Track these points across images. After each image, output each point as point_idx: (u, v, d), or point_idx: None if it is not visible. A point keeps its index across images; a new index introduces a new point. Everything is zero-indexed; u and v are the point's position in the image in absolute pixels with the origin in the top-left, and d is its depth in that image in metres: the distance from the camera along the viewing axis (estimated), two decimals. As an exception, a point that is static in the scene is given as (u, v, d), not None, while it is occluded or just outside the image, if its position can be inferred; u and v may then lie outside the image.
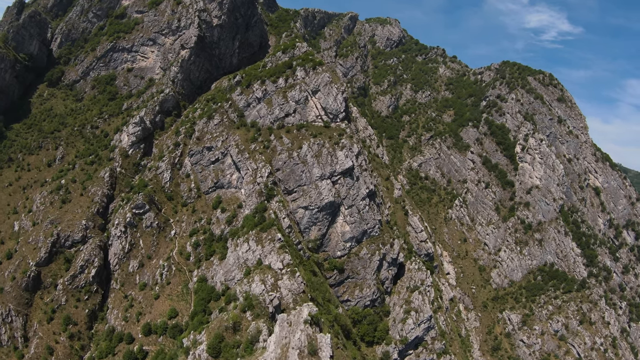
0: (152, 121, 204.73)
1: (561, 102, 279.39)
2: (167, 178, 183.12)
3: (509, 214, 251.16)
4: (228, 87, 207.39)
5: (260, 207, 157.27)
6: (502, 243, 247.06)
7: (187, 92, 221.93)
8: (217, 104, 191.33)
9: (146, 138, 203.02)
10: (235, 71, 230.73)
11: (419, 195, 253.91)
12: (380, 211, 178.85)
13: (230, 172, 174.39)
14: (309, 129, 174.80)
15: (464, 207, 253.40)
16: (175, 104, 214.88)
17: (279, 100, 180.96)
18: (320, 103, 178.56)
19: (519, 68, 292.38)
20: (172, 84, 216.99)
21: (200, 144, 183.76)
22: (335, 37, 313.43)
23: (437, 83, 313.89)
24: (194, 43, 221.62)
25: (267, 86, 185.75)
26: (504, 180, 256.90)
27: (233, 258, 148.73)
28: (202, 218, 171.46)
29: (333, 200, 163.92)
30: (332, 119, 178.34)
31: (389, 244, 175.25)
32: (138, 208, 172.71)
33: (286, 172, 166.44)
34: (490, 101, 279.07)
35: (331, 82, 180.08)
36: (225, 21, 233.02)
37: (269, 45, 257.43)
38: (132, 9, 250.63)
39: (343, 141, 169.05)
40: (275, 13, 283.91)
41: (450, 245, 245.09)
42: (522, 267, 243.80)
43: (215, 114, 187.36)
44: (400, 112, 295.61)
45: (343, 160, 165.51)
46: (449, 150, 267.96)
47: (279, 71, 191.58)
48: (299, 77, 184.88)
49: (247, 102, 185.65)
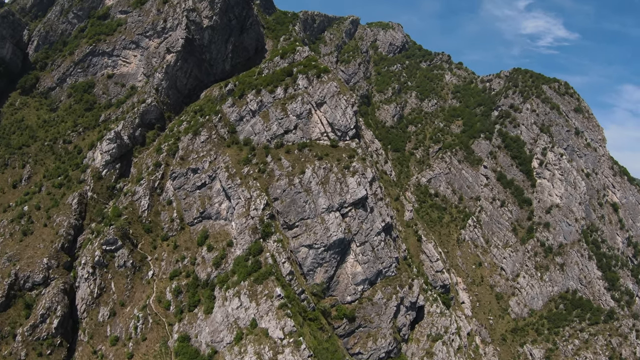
0: (131, 136, 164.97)
1: (578, 112, 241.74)
2: (145, 206, 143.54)
3: (527, 236, 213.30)
4: (219, 97, 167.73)
5: (254, 248, 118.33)
6: (520, 268, 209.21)
7: (173, 101, 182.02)
8: (205, 117, 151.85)
9: (124, 156, 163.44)
10: (227, 78, 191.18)
11: (429, 215, 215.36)
12: (397, 246, 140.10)
13: (219, 200, 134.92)
14: (313, 149, 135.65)
15: (477, 227, 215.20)
16: (158, 115, 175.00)
17: (277, 114, 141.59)
18: (326, 118, 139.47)
19: (532, 76, 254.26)
20: (156, 93, 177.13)
21: (185, 164, 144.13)
22: (336, 42, 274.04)
23: (444, 91, 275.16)
24: (181, 46, 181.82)
25: (263, 97, 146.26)
26: (521, 198, 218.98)
27: (221, 314, 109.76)
28: (186, 257, 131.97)
29: (343, 237, 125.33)
30: (341, 136, 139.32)
31: (408, 285, 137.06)
32: (109, 244, 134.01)
33: (286, 202, 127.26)
34: (503, 111, 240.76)
35: (339, 92, 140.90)
36: (217, 22, 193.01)
37: (265, 50, 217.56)
38: (116, 9, 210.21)
39: (354, 165, 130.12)
40: (273, 15, 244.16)
41: (465, 270, 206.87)
42: (543, 294, 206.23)
43: (202, 129, 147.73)
44: (406, 122, 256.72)
45: (355, 188, 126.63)
46: (459, 165, 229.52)
47: (277, 79, 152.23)
48: (301, 87, 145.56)
49: (240, 116, 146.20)
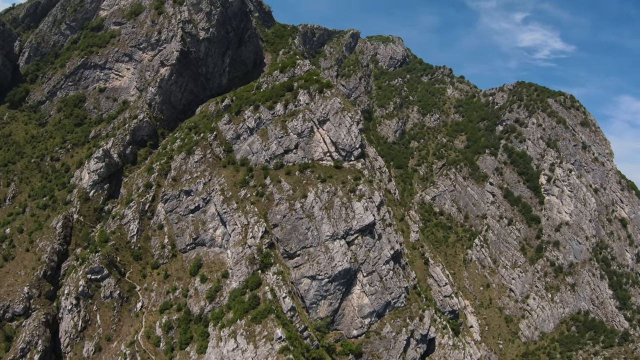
0: (121, 154, 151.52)
1: (585, 126, 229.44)
2: (135, 230, 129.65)
3: (537, 255, 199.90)
4: (215, 113, 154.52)
5: (252, 280, 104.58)
6: (530, 289, 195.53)
7: (167, 117, 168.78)
8: (199, 135, 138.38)
9: (113, 175, 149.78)
10: (225, 92, 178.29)
11: (434, 234, 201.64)
12: (406, 274, 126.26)
13: (214, 225, 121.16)
14: (316, 170, 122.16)
15: (485, 247, 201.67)
16: (151, 131, 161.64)
17: (277, 132, 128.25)
18: (330, 136, 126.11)
19: (536, 89, 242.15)
20: (149, 108, 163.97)
21: (177, 186, 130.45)
22: (337, 56, 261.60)
23: (446, 105, 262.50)
24: (175, 59, 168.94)
25: (262, 113, 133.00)
26: (529, 215, 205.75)
27: (215, 356, 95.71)
28: (177, 287, 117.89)
29: (349, 267, 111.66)
30: (345, 157, 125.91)
31: (418, 316, 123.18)
32: (94, 273, 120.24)
33: (286, 229, 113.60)
34: (508, 126, 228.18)
35: (343, 109, 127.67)
36: (214, 35, 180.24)
37: (264, 64, 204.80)
38: (110, 20, 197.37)
39: (361, 188, 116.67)
40: (272, 28, 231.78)
41: (472, 292, 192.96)
42: (554, 316, 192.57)
43: (196, 148, 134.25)
44: (408, 138, 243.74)
45: (362, 214, 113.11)
46: (464, 181, 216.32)
47: (277, 94, 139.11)
48: (302, 103, 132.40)
49: (237, 133, 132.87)
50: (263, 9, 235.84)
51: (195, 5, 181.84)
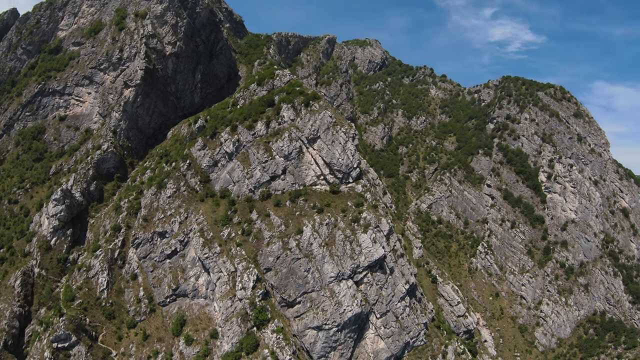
0: (85, 192, 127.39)
1: (578, 117, 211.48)
2: (104, 284, 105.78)
3: (545, 258, 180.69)
4: (188, 136, 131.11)
5: (247, 342, 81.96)
6: (542, 294, 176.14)
7: (135, 144, 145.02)
8: (171, 165, 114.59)
9: (77, 217, 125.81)
10: (198, 111, 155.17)
11: (435, 245, 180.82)
12: (423, 307, 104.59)
13: (195, 272, 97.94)
14: (310, 198, 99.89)
15: (489, 253, 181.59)
16: (117, 162, 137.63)
17: (260, 156, 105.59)
18: (322, 156, 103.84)
19: (524, 83, 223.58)
20: (114, 136, 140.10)
21: (149, 227, 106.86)
22: (314, 63, 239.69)
23: (431, 106, 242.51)
24: (140, 79, 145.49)
25: (241, 134, 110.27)
26: (532, 216, 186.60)
27: None
28: (159, 351, 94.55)
29: (360, 310, 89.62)
30: (342, 179, 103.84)
31: (441, 353, 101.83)
32: (61, 340, 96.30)
33: (282, 273, 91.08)
34: (500, 123, 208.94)
35: (335, 124, 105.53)
36: (182, 49, 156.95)
37: (239, 77, 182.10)
38: (69, 40, 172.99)
39: (365, 216, 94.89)
40: (245, 39, 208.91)
41: (482, 303, 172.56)
42: (570, 320, 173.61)
43: (168, 181, 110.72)
44: (396, 143, 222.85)
45: (370, 247, 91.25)
46: (460, 185, 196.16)
47: (256, 111, 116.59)
48: (286, 119, 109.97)
49: (213, 160, 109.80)
50: (234, 18, 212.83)
51: (159, 17, 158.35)
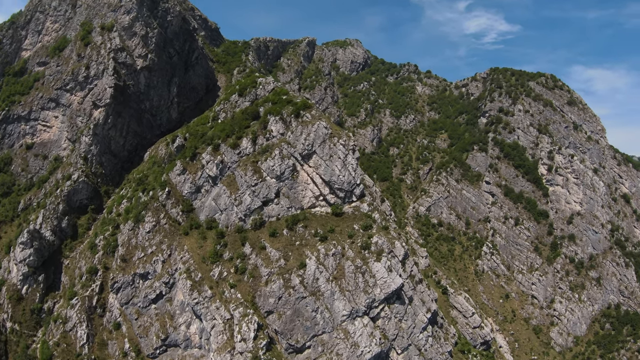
0: (56, 229, 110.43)
1: (572, 105, 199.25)
2: (84, 337, 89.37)
3: (553, 253, 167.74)
4: (166, 157, 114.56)
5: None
6: (553, 292, 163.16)
7: (110, 170, 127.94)
8: (148, 193, 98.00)
9: (50, 260, 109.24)
10: (176, 128, 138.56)
11: (438, 250, 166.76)
12: (445, 332, 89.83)
13: (186, 319, 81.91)
14: (310, 223, 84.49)
15: (495, 253, 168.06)
16: (91, 192, 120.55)
17: (248, 178, 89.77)
18: (320, 174, 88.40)
19: (513, 74, 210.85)
20: (85, 163, 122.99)
21: (129, 268, 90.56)
22: (295, 67, 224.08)
23: (419, 104, 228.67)
24: (110, 97, 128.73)
25: (224, 154, 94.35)
26: (535, 211, 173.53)
27: None
28: (148, 416, 77.72)
29: (379, 350, 74.12)
30: (345, 198, 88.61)
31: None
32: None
33: (286, 315, 75.64)
34: (492, 117, 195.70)
35: (331, 135, 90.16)
36: (155, 61, 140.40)
37: (218, 87, 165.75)
38: (34, 61, 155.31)
39: (377, 241, 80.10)
40: (221, 46, 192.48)
41: (492, 307, 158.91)
42: (585, 316, 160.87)
43: (146, 213, 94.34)
44: (386, 145, 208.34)
45: (385, 277, 76.42)
46: (458, 184, 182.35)
47: (240, 126, 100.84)
48: (275, 134, 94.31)
49: (195, 186, 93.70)
50: (209, 26, 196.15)
51: (127, 29, 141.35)
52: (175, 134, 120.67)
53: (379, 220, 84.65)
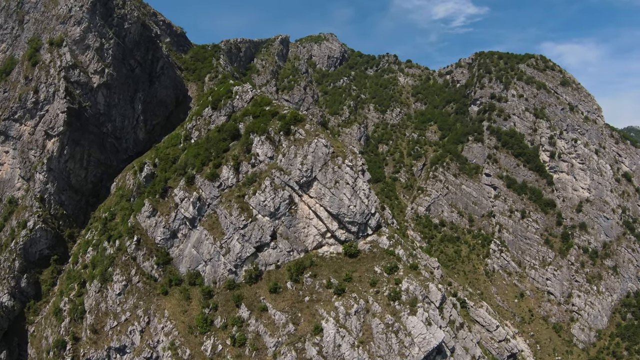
0: (15, 291, 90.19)
1: (566, 85, 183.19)
2: None
3: (565, 245, 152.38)
4: (135, 189, 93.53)
5: None
6: (570, 286, 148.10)
7: (72, 209, 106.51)
8: (114, 243, 77.05)
9: (12, 328, 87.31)
10: (146, 150, 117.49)
11: (444, 253, 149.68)
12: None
13: (172, 407, 61.49)
14: (320, 270, 65.28)
15: (504, 250, 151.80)
16: (52, 240, 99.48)
17: (235, 219, 69.78)
18: (325, 206, 68.92)
19: (501, 57, 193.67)
20: (41, 205, 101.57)
21: (102, 341, 70.54)
22: (270, 68, 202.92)
23: (403, 96, 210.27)
24: (63, 124, 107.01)
25: (202, 188, 74.09)
26: (542, 201, 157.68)
27: None
28: None
29: None
30: (358, 232, 69.31)
31: None
32: None
33: (304, 398, 55.83)
34: (485, 104, 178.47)
35: (334, 155, 70.60)
36: (113, 76, 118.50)
37: (189, 98, 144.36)
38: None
39: (407, 287, 61.78)
40: (189, 52, 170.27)
41: (508, 308, 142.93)
42: (605, 308, 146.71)
43: (114, 270, 73.47)
44: (374, 142, 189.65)
45: (423, 332, 58.05)
46: (457, 179, 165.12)
47: (217, 149, 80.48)
48: (262, 157, 74.31)
49: (170, 231, 73.41)
50: (174, 31, 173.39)
51: (79, 42, 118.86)
52: (143, 161, 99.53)
53: (404, 257, 66.22)
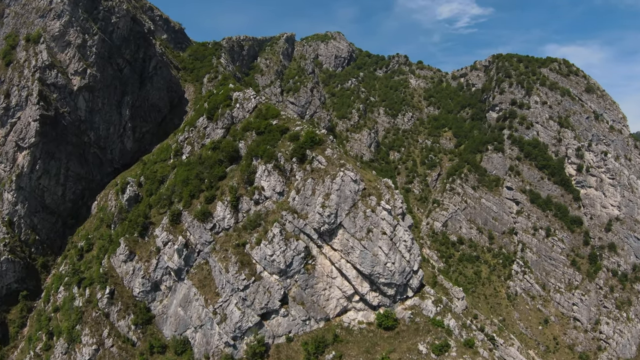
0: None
1: (591, 92, 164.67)
2: None
3: (593, 267, 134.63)
4: (117, 212, 75.01)
5: None
6: (598, 312, 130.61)
7: (47, 234, 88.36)
8: (84, 293, 58.38)
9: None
10: (134, 162, 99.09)
11: (463, 274, 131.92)
12: None
13: None
14: (345, 348, 47.40)
15: (527, 272, 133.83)
16: (22, 272, 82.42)
17: (233, 277, 51.56)
18: (353, 262, 50.40)
19: (520, 60, 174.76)
20: (10, 231, 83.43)
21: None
22: (275, 68, 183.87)
23: (415, 99, 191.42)
24: (36, 134, 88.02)
25: (190, 231, 55.69)
26: (568, 218, 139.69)
27: None
28: None
29: None
30: (395, 296, 50.71)
31: None
32: None
33: None
34: (505, 110, 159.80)
35: (365, 193, 51.71)
36: (97, 77, 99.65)
37: (186, 101, 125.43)
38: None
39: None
40: (188, 50, 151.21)
41: (531, 336, 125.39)
42: (634, 336, 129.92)
43: (82, 328, 54.80)
44: (385, 149, 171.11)
45: None
46: (475, 192, 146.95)
47: (211, 175, 61.58)
48: (268, 192, 55.82)
49: (151, 282, 54.55)
50: (172, 27, 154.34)
51: (58, 38, 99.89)
52: (126, 179, 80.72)
53: (456, 330, 48.63)
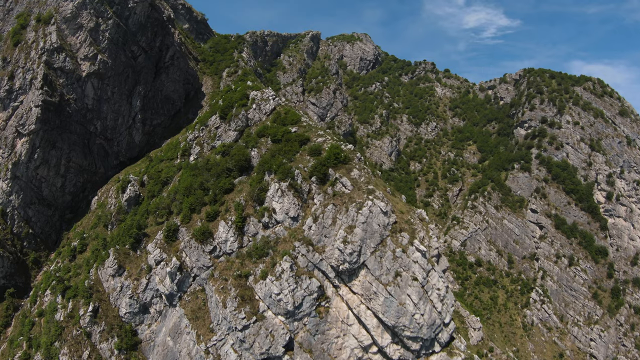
0: None
1: (624, 116, 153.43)
2: None
3: (615, 302, 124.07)
4: (115, 212, 67.46)
5: None
6: (616, 350, 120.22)
7: (41, 227, 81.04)
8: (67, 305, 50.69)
9: None
10: (143, 155, 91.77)
11: (479, 299, 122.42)
12: None
13: None
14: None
15: (546, 301, 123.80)
16: (11, 267, 75.53)
17: (231, 314, 44.17)
18: (375, 310, 41.84)
19: (553, 76, 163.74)
20: (3, 222, 75.47)
21: None
22: (298, 66, 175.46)
23: (440, 108, 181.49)
24: (36, 121, 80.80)
25: (186, 251, 47.27)
26: (592, 248, 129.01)
27: None
28: None
29: None
30: (419, 350, 41.70)
31: None
32: None
33: None
34: (535, 129, 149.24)
35: (395, 229, 43.03)
36: (108, 64, 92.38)
37: (202, 94, 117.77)
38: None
39: None
40: (209, 42, 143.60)
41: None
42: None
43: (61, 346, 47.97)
44: (406, 159, 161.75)
45: None
46: (498, 212, 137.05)
47: (216, 187, 53.42)
48: (280, 216, 47.82)
49: (139, 303, 47.05)
50: (194, 17, 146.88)
51: (70, 20, 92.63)
52: (127, 178, 73.20)
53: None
